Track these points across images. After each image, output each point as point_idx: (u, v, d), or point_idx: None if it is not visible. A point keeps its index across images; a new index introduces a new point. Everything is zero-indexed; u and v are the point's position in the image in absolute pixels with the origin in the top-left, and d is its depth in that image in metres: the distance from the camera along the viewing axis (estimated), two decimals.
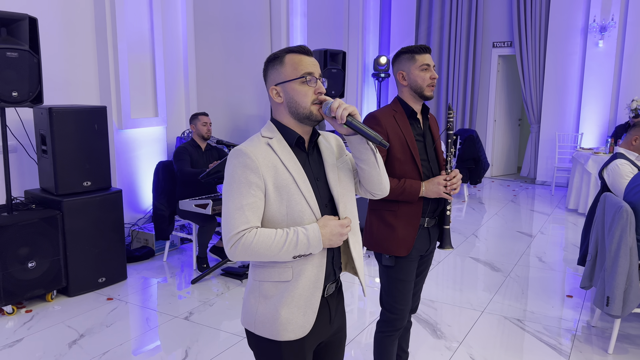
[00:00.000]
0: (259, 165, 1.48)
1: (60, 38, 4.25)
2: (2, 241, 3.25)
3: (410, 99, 2.20)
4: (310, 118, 1.52)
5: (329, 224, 1.51)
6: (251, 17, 6.49)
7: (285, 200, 1.50)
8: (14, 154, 3.99)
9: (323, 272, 1.56)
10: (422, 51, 2.15)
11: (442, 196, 2.13)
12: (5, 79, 3.20)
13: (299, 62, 1.51)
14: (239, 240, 1.45)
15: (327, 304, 1.64)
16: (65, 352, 2.91)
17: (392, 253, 2.17)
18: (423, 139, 2.22)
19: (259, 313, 1.55)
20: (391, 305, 2.25)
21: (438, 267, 4.41)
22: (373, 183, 1.64)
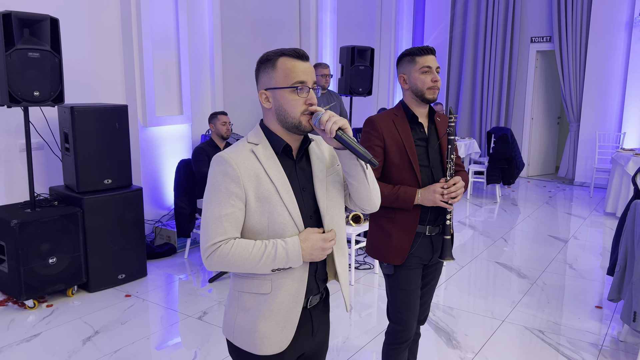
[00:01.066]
0: (240, 175, 1.42)
1: (87, 37, 4.32)
2: (24, 237, 3.33)
3: (412, 102, 2.12)
4: (299, 128, 1.45)
5: (310, 238, 1.44)
6: (280, 14, 6.46)
7: (267, 212, 1.44)
8: (41, 151, 4.09)
9: (304, 286, 1.50)
10: (423, 53, 2.06)
11: (439, 204, 2.03)
12: (27, 79, 3.26)
13: (291, 69, 1.43)
14: (214, 252, 1.41)
15: (310, 315, 1.58)
16: (78, 349, 2.96)
17: (388, 261, 2.12)
18: (426, 143, 2.13)
19: (237, 324, 1.52)
20: (395, 315, 2.19)
21: (461, 272, 4.27)
22: (362, 199, 1.56)
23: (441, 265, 2.29)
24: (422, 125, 2.14)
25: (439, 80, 2.07)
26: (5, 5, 3.74)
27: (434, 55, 2.09)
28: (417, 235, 2.12)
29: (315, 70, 5.12)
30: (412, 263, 2.13)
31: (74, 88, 4.24)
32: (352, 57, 5.96)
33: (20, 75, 3.23)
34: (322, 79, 5.10)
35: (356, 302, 3.66)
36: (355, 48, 5.91)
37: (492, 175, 6.76)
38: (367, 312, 3.52)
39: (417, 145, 2.10)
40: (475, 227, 5.64)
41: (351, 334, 3.19)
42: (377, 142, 2.09)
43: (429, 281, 2.27)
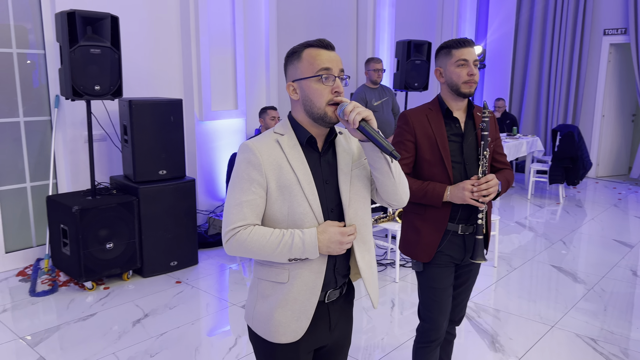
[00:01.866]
0: (262, 163, 1.45)
1: (148, 34, 4.52)
2: (84, 223, 3.55)
3: (448, 96, 2.07)
4: (324, 119, 1.46)
5: (328, 230, 1.45)
6: (337, 9, 6.47)
7: (287, 201, 1.46)
8: (104, 142, 4.33)
9: (321, 278, 1.50)
10: (460, 45, 1.99)
11: (468, 202, 1.97)
12: (88, 74, 3.47)
13: (315, 58, 1.44)
14: (233, 237, 1.44)
15: (328, 310, 1.58)
16: (128, 330, 3.12)
17: (416, 258, 2.09)
18: (461, 139, 2.06)
19: (256, 311, 1.55)
20: (425, 314, 2.15)
21: (513, 274, 4.12)
22: (387, 193, 1.54)
23: (477, 265, 2.22)
24: (458, 120, 2.07)
25: (476, 74, 1.99)
26: (71, 4, 3.99)
27: (472, 48, 2.01)
28: (447, 233, 2.06)
29: (368, 65, 5.09)
30: (442, 261, 2.08)
31: (134, 83, 4.46)
32: (408, 51, 5.86)
33: (82, 71, 3.43)
34: (375, 73, 5.06)
35: (401, 300, 3.62)
36: (411, 42, 5.82)
37: (555, 175, 6.45)
38: (411, 310, 3.47)
39: (451, 140, 2.05)
40: (533, 229, 5.41)
41: (391, 331, 3.16)
42: (408, 137, 2.06)
43: (463, 281, 2.21)
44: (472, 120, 2.10)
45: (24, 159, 4.07)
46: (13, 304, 3.46)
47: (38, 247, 4.19)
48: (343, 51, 6.61)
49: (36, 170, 4.15)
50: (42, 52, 4.07)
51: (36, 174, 4.15)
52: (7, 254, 4.03)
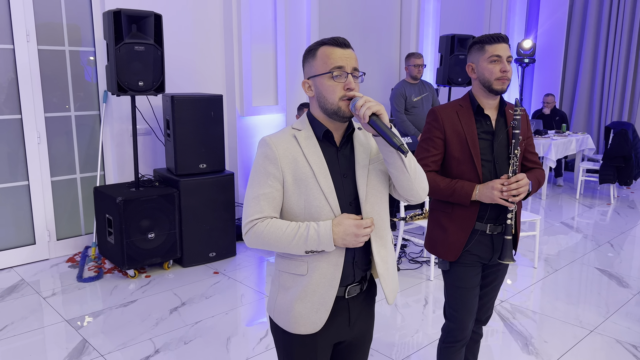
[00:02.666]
0: (278, 157, 1.49)
1: (191, 32, 4.65)
2: (127, 213, 3.71)
3: (480, 93, 2.03)
4: (338, 114, 1.48)
5: (343, 223, 1.46)
6: (380, 3, 6.42)
7: (304, 194, 1.49)
8: (149, 136, 4.50)
9: (339, 271, 1.52)
10: (494, 41, 1.95)
11: (497, 202, 1.93)
12: (133, 70, 3.61)
13: (329, 55, 1.47)
14: (251, 229, 1.49)
15: (348, 305, 1.60)
16: (165, 317, 3.25)
17: (442, 257, 2.07)
18: (491, 137, 2.02)
19: (277, 302, 1.58)
20: (450, 313, 2.14)
21: (554, 275, 3.99)
22: (403, 188, 1.54)
23: (505, 265, 2.18)
24: (489, 118, 2.04)
25: (509, 70, 1.95)
26: (119, 3, 4.15)
27: (507, 44, 1.98)
28: (474, 233, 2.03)
29: (408, 60, 5.04)
30: (468, 261, 2.06)
31: (178, 79, 4.60)
32: (452, 46, 5.76)
33: (127, 67, 3.57)
34: (415, 69, 5.00)
35: (435, 298, 3.59)
36: (455, 37, 5.71)
37: (606, 174, 6.19)
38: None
39: (481, 138, 2.01)
40: (580, 229, 5.22)
41: (423, 329, 3.15)
42: (437, 134, 2.04)
43: (490, 281, 2.17)
44: (503, 118, 2.06)
45: (75, 151, 4.28)
46: (62, 288, 3.66)
47: (86, 235, 4.41)
48: (385, 46, 6.57)
49: (86, 162, 4.36)
50: (93, 49, 4.26)
51: (86, 166, 4.36)
52: (59, 241, 4.26)
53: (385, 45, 6.58)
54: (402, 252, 4.43)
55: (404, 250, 4.48)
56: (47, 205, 4.16)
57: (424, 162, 2.05)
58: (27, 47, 3.91)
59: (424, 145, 2.08)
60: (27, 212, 4.09)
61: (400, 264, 4.19)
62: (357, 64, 1.50)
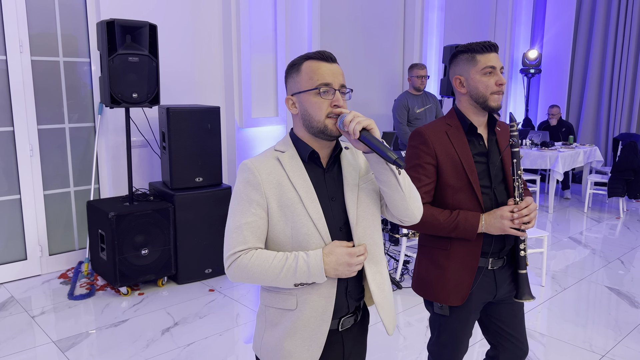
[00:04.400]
0: (261, 182, 1.37)
1: (190, 42, 4.56)
2: (120, 229, 3.59)
3: (469, 110, 1.79)
4: (325, 132, 1.37)
5: (335, 252, 1.34)
6: (383, 14, 6.33)
7: (290, 221, 1.37)
8: (145, 148, 4.39)
9: (332, 303, 1.40)
10: (485, 50, 1.73)
11: (508, 232, 1.71)
12: (127, 82, 3.51)
13: (315, 71, 1.37)
14: (234, 262, 1.37)
15: (342, 338, 1.47)
16: (157, 339, 3.12)
17: (442, 301, 1.80)
18: (486, 159, 1.80)
19: (265, 340, 1.46)
20: (440, 355, 1.92)
21: (562, 295, 3.84)
22: (397, 208, 1.42)
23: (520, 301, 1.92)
24: (482, 137, 1.81)
25: (504, 83, 1.73)
26: (116, 14, 4.06)
27: (497, 53, 1.76)
28: (479, 271, 1.80)
29: (411, 71, 4.93)
30: (472, 303, 1.82)
31: (177, 90, 4.50)
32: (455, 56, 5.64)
33: (121, 78, 3.48)
34: (418, 80, 4.89)
35: None
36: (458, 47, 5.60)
37: (615, 188, 6.03)
38: None
39: (476, 162, 1.77)
40: (588, 245, 5.06)
41: (424, 350, 3.00)
42: (427, 159, 1.77)
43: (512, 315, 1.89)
44: (494, 136, 1.84)
45: (69, 164, 4.18)
46: (51, 306, 3.54)
47: (80, 250, 4.30)
48: (388, 57, 6.47)
49: (80, 175, 4.26)
50: (88, 60, 4.18)
51: (80, 179, 4.26)
52: (51, 256, 4.15)
53: (389, 56, 6.48)
54: (405, 269, 4.29)
55: (406, 267, 4.34)
56: (40, 219, 4.05)
57: None
58: (20, 58, 3.82)
59: (412, 173, 1.78)
60: (18, 227, 3.99)
61: (403, 282, 4.05)
62: (344, 80, 1.39)
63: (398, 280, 4.00)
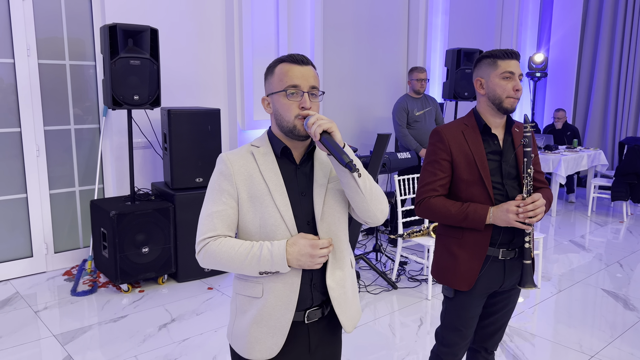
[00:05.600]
0: (232, 173, 1.45)
1: (193, 45, 4.66)
2: (121, 227, 3.69)
3: (487, 111, 1.94)
4: (294, 132, 1.44)
5: (298, 242, 1.40)
6: (387, 17, 6.39)
7: (259, 212, 1.45)
8: (148, 149, 4.50)
9: (296, 293, 1.46)
10: (507, 57, 1.88)
11: (513, 225, 1.83)
12: (128, 84, 3.61)
13: (285, 73, 1.44)
14: (203, 248, 1.45)
15: (308, 330, 1.53)
16: (153, 334, 3.20)
17: (453, 286, 1.96)
18: (499, 157, 1.94)
19: (235, 326, 1.53)
20: (445, 338, 2.05)
21: (557, 296, 3.86)
22: (359, 209, 1.49)
23: (518, 290, 2.07)
24: (496, 137, 1.95)
25: (520, 89, 1.88)
26: (120, 18, 4.18)
27: (518, 61, 1.91)
28: (487, 259, 1.94)
29: (411, 74, 4.98)
30: (477, 289, 1.96)
31: (178, 92, 4.60)
32: (458, 60, 5.69)
33: (122, 81, 3.58)
34: (418, 83, 4.94)
35: (432, 317, 3.49)
36: (461, 50, 5.64)
37: (618, 191, 6.01)
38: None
39: (490, 159, 1.93)
40: (590, 248, 5.06)
41: (414, 350, 3.04)
42: (443, 156, 1.94)
43: (502, 307, 2.06)
44: (511, 137, 1.98)
45: (74, 164, 4.30)
46: (55, 302, 3.64)
47: (84, 248, 4.41)
48: (392, 60, 6.52)
49: (85, 175, 4.37)
50: (93, 63, 4.29)
51: (85, 179, 4.37)
52: (56, 254, 4.26)
53: (392, 59, 6.53)
54: (402, 270, 4.33)
55: (403, 267, 4.38)
56: (45, 218, 4.17)
57: (432, 187, 1.95)
58: (28, 61, 3.95)
59: (429, 168, 1.97)
60: (24, 225, 4.11)
61: (399, 282, 4.09)
62: (316, 82, 1.45)
63: (394, 281, 4.05)
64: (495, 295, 2.04)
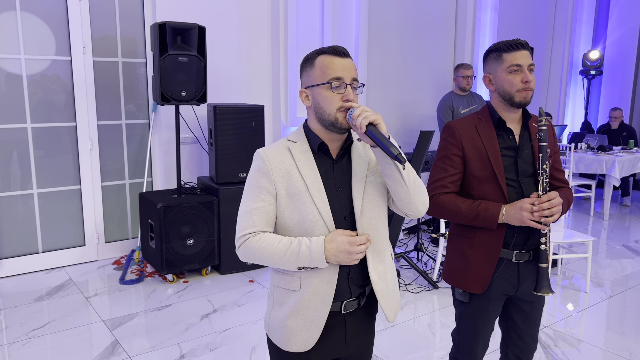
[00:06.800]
0: (271, 170, 1.46)
1: (240, 42, 4.74)
2: (168, 219, 3.81)
3: (499, 106, 1.86)
4: (335, 125, 1.44)
5: (336, 239, 1.41)
6: (434, 14, 6.30)
7: (297, 208, 1.46)
8: (195, 145, 4.62)
9: (333, 288, 1.47)
10: (512, 48, 1.78)
11: (527, 224, 1.75)
12: (176, 81, 3.72)
13: (328, 65, 1.43)
14: (243, 243, 1.47)
15: (344, 321, 1.54)
16: (195, 323, 3.29)
17: (465, 288, 1.88)
18: (515, 153, 1.85)
19: (272, 317, 1.56)
20: (462, 343, 1.98)
21: (607, 302, 3.71)
22: (401, 202, 1.48)
23: (542, 299, 1.97)
24: (512, 132, 1.87)
25: (531, 80, 1.78)
26: (170, 16, 4.30)
27: (527, 51, 1.80)
28: (500, 261, 1.86)
29: (457, 71, 4.90)
30: (491, 292, 1.88)
31: (225, 89, 4.70)
32: None
33: (171, 78, 3.69)
34: (464, 80, 4.85)
35: None
36: None
37: None
38: None
39: (504, 155, 1.84)
40: None
41: None
42: (454, 151, 1.87)
43: (526, 316, 1.95)
44: (528, 131, 1.89)
45: (125, 158, 4.47)
46: (104, 289, 3.80)
47: (133, 239, 4.57)
48: (438, 56, 6.42)
49: (135, 169, 4.53)
50: (144, 61, 4.45)
51: (135, 172, 4.54)
52: (107, 243, 4.44)
53: (439, 56, 6.43)
54: None
55: None
56: (97, 209, 4.36)
57: (442, 183, 1.89)
58: (83, 59, 4.13)
59: (440, 164, 1.90)
60: (78, 215, 4.30)
61: (440, 282, 4.04)
62: (356, 74, 1.45)
63: (435, 280, 4.00)
64: (515, 303, 1.94)
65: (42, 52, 4.00)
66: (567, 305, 3.66)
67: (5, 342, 3.01)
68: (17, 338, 3.06)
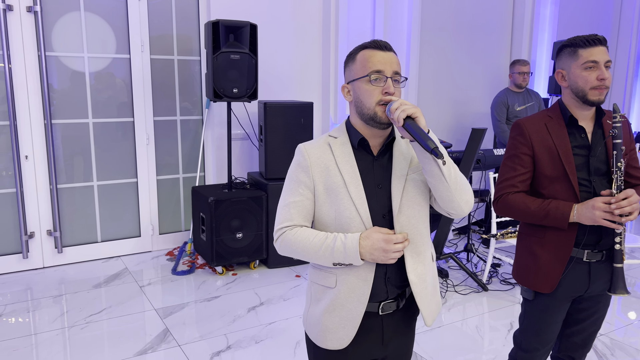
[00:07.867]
0: (310, 165, 1.46)
1: (291, 40, 4.79)
2: (218, 212, 3.91)
3: (572, 103, 1.81)
4: (375, 119, 1.42)
5: (371, 237, 1.39)
6: (489, 8, 6.13)
7: (335, 204, 1.45)
8: (246, 141, 4.71)
9: (369, 287, 1.45)
10: (589, 44, 1.71)
11: (600, 223, 1.69)
12: (228, 78, 3.80)
13: (368, 59, 1.42)
14: (280, 236, 1.48)
15: (382, 322, 1.53)
16: (242, 315, 3.36)
17: (534, 288, 1.86)
18: (587, 152, 1.79)
19: (309, 313, 1.56)
20: (524, 343, 1.95)
21: None
22: (442, 199, 1.44)
23: (607, 296, 1.92)
24: (584, 130, 1.81)
25: (607, 77, 1.71)
26: (224, 14, 4.40)
27: (605, 47, 1.72)
28: (570, 260, 1.82)
29: (513, 68, 4.75)
30: (560, 292, 1.85)
31: (276, 86, 4.76)
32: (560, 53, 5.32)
33: (223, 75, 3.78)
34: (520, 76, 4.70)
35: None
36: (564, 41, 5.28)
37: None
38: None
39: (576, 154, 1.79)
40: None
41: (501, 354, 2.92)
42: (524, 150, 1.84)
43: (590, 314, 1.92)
44: (601, 129, 1.82)
45: (179, 152, 4.61)
46: (157, 279, 3.94)
47: (186, 231, 4.72)
48: (493, 52, 6.24)
49: (188, 163, 4.67)
50: (198, 58, 4.57)
51: (188, 167, 4.68)
52: (161, 235, 4.61)
53: (494, 52, 6.25)
54: (494, 272, 4.16)
55: (495, 269, 4.20)
56: (152, 201, 4.52)
57: (511, 182, 1.85)
58: (141, 56, 4.30)
59: (509, 163, 1.87)
60: (134, 207, 4.48)
61: (490, 284, 3.94)
62: (398, 68, 1.43)
63: (485, 283, 3.90)
64: (581, 300, 1.90)
65: (103, 50, 4.18)
66: (627, 314, 3.48)
67: (67, 325, 3.18)
68: (76, 322, 3.23)
